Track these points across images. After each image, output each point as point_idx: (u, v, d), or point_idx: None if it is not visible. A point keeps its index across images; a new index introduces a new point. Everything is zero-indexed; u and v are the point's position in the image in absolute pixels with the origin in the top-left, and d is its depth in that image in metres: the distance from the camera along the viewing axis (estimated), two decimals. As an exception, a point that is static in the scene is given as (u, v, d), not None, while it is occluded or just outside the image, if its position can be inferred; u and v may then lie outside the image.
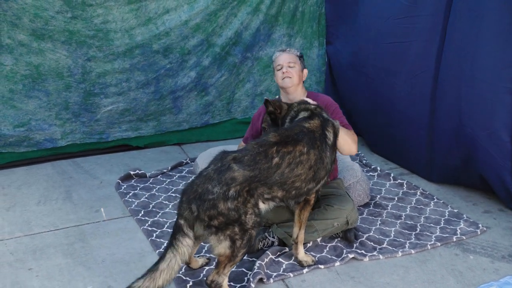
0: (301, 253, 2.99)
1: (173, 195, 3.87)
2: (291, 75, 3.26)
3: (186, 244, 2.50)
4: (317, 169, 2.73)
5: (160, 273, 2.44)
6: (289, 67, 3.27)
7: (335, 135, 2.92)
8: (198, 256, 2.96)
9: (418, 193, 3.95)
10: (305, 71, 3.38)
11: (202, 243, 2.80)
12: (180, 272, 2.86)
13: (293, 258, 3.04)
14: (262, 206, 2.62)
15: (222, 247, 2.47)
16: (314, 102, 3.05)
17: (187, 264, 2.86)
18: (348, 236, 3.24)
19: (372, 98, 4.56)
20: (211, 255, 2.96)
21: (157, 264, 2.48)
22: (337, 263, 3.01)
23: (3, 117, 4.15)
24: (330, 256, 3.08)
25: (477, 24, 3.45)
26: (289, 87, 3.27)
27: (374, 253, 3.12)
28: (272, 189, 2.61)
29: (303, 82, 3.40)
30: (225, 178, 2.46)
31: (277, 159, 2.59)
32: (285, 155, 2.61)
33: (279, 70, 3.30)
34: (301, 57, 3.37)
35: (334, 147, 2.91)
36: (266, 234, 3.14)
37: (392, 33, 4.16)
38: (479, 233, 3.38)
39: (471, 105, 3.59)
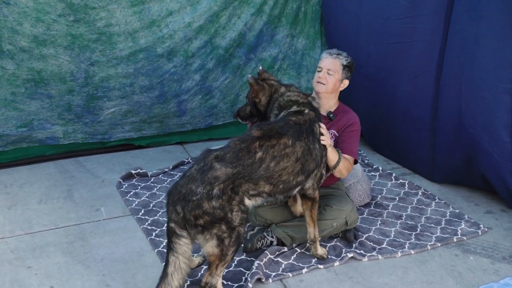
0: (319, 250, 3.03)
1: (174, 194, 3.87)
2: (326, 82, 3.22)
3: (183, 244, 2.52)
4: (305, 161, 2.72)
5: (171, 275, 2.50)
6: (328, 73, 3.23)
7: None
8: (194, 256, 2.95)
9: (420, 193, 3.93)
10: (346, 82, 3.30)
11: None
12: (178, 271, 2.86)
13: (292, 258, 3.05)
14: (248, 202, 2.60)
15: (209, 245, 2.47)
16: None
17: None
18: (348, 236, 3.23)
19: (374, 98, 4.53)
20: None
21: (165, 270, 2.53)
22: (336, 263, 3.01)
23: (6, 119, 4.13)
24: (329, 256, 3.07)
25: (476, 24, 3.43)
26: (319, 93, 3.25)
27: (374, 253, 3.11)
28: (258, 185, 2.59)
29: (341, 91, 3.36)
30: (208, 178, 2.45)
31: (260, 154, 2.56)
32: (268, 149, 2.59)
33: (318, 72, 3.27)
34: (347, 66, 3.27)
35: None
36: (264, 233, 3.14)
37: (393, 33, 4.13)
38: (480, 233, 3.36)
39: (472, 105, 3.57)
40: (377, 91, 4.46)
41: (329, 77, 3.22)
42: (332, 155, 2.97)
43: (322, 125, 2.91)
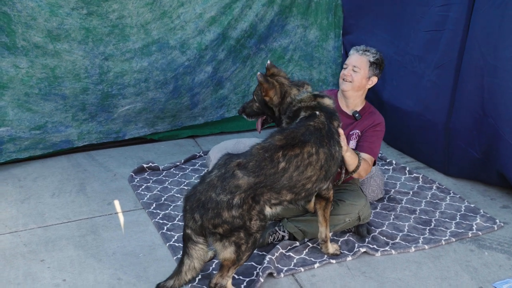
0: (331, 248, 2.98)
1: (186, 188, 3.86)
2: (351, 80, 3.17)
3: (199, 249, 2.52)
4: (329, 167, 2.64)
5: (185, 273, 2.52)
6: (353, 70, 3.17)
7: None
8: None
9: (434, 187, 3.87)
10: (374, 79, 3.22)
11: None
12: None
13: (304, 253, 3.03)
14: (269, 211, 2.55)
15: (227, 252, 2.45)
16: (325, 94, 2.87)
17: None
18: (360, 230, 3.19)
19: (399, 88, 4.44)
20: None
21: (179, 267, 2.54)
22: (349, 258, 2.98)
23: (19, 121, 4.10)
24: (341, 251, 3.04)
25: (501, 13, 3.37)
26: (344, 90, 3.20)
27: (387, 248, 3.08)
28: (281, 194, 2.53)
29: (369, 89, 3.29)
30: (229, 186, 2.39)
31: (284, 164, 2.49)
32: (292, 159, 2.50)
33: (344, 69, 3.22)
34: (375, 63, 3.18)
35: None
36: (276, 228, 3.12)
37: (431, 21, 4.05)
38: (496, 228, 3.30)
39: (494, 96, 3.51)
40: (404, 79, 4.37)
41: (355, 74, 3.16)
42: (352, 160, 2.92)
43: (341, 130, 2.80)
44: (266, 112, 2.87)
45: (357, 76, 3.16)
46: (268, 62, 2.91)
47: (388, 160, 4.33)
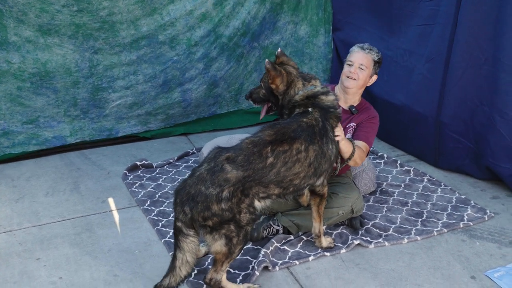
0: (324, 242, 3.01)
1: (179, 184, 3.88)
2: (357, 77, 3.19)
3: (190, 241, 2.54)
4: (318, 164, 2.65)
5: (179, 268, 2.54)
6: (359, 68, 3.19)
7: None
8: (201, 245, 2.96)
9: (425, 180, 3.92)
10: (374, 77, 3.28)
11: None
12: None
13: (298, 246, 3.06)
14: (258, 204, 2.57)
15: (218, 245, 2.47)
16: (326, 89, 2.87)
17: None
18: (354, 223, 3.23)
19: (390, 82, 4.48)
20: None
21: (172, 263, 2.55)
22: (343, 250, 3.01)
23: (11, 114, 4.15)
24: (335, 244, 3.07)
25: (498, 4, 3.44)
26: (348, 88, 3.22)
27: (380, 240, 3.12)
28: (268, 188, 2.55)
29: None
30: (218, 180, 2.42)
31: (272, 159, 2.51)
32: (280, 154, 2.52)
33: (348, 66, 3.23)
34: (377, 62, 3.24)
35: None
36: (270, 222, 3.15)
37: (421, 15, 4.10)
38: (486, 219, 3.35)
39: (492, 84, 3.58)
40: (395, 74, 4.41)
41: (361, 72, 3.19)
42: (346, 147, 2.93)
43: (339, 125, 2.82)
44: (271, 99, 2.87)
45: (363, 74, 3.20)
46: (279, 50, 2.90)
47: (379, 154, 4.37)
